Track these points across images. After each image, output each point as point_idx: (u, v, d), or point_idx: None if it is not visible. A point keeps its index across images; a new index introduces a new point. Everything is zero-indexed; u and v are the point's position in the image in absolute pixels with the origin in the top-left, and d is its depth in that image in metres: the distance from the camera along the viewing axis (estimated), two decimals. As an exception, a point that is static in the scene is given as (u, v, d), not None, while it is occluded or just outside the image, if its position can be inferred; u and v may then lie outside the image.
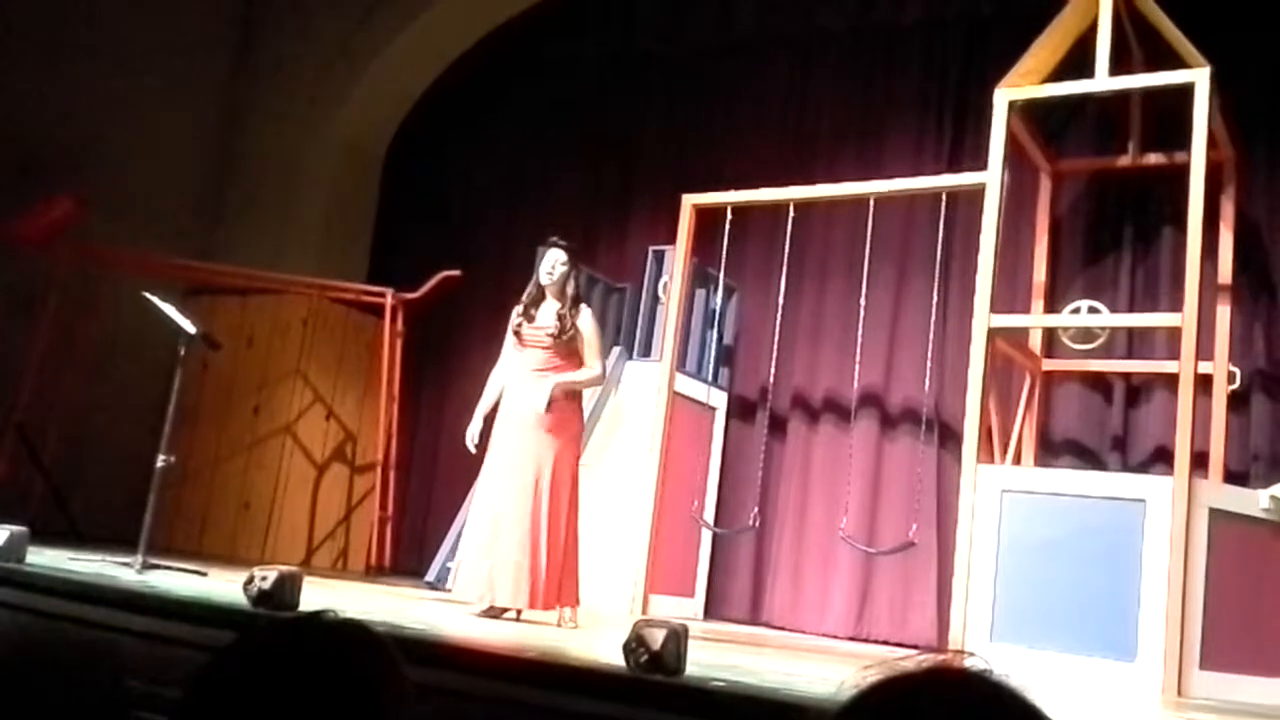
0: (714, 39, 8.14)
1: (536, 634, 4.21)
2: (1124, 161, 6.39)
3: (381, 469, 7.87)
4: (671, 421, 6.54)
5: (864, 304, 6.27)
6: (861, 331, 6.29)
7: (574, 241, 5.21)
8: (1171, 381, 5.42)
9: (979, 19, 7.21)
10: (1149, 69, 5.62)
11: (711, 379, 7.05)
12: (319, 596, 4.05)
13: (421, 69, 8.99)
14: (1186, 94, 5.19)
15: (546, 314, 4.96)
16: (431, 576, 6.67)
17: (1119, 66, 5.53)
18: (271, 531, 7.64)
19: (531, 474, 4.77)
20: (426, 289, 7.73)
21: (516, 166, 8.78)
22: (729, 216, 6.56)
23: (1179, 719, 3.97)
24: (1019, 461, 6.13)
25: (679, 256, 6.68)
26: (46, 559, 4.29)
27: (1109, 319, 6.18)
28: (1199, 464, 5.31)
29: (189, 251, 8.19)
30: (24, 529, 4.09)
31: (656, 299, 7.17)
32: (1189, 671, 4.64)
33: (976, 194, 5.78)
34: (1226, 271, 5.90)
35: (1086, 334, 6.21)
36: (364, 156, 9.12)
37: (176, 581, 4.37)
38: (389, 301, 7.82)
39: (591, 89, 8.60)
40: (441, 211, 8.93)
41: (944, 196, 6.11)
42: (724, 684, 2.81)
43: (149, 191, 8.17)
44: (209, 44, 8.82)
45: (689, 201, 6.69)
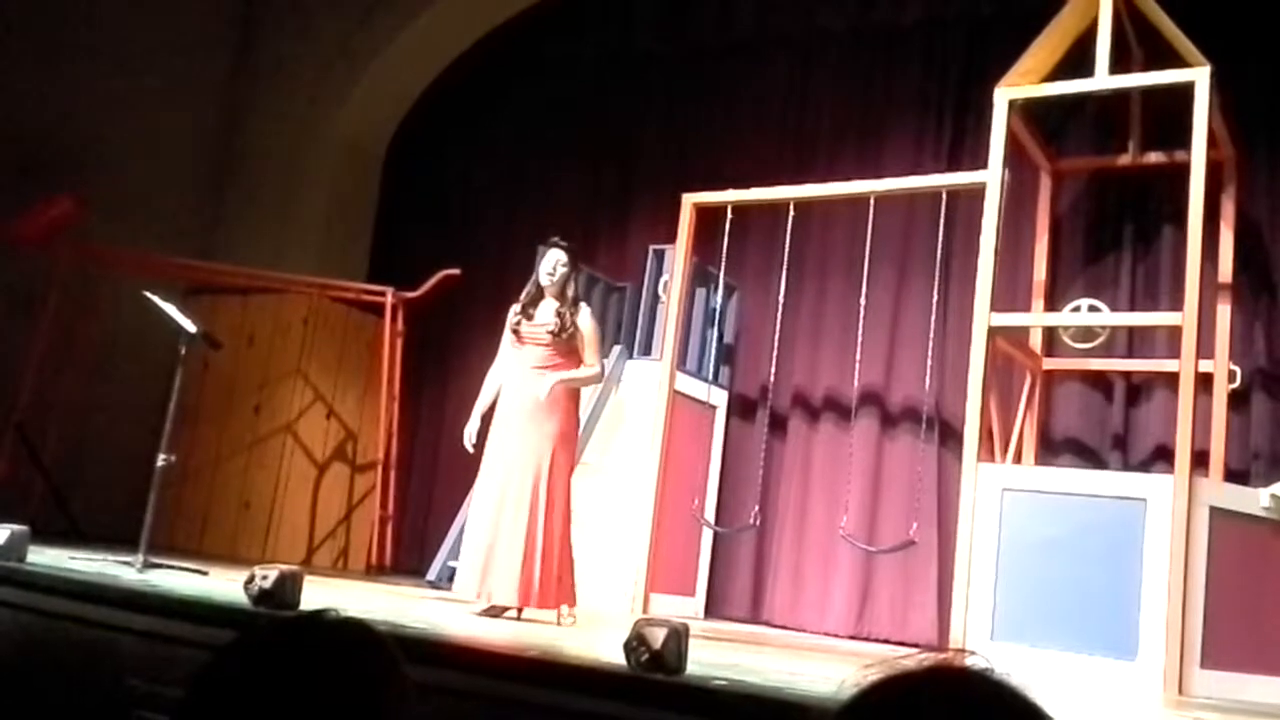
0: (714, 38, 8.13)
1: (537, 633, 4.21)
2: (1124, 160, 6.39)
3: (382, 468, 7.87)
4: (672, 420, 6.55)
5: (864, 303, 6.27)
6: (862, 330, 6.29)
7: (574, 241, 5.22)
8: (1172, 380, 5.42)
9: (979, 18, 7.20)
10: (1149, 68, 5.62)
11: (712, 378, 7.05)
12: (320, 596, 4.05)
13: (421, 69, 8.99)
14: (1186, 93, 5.19)
15: (545, 312, 4.97)
16: (432, 575, 6.68)
17: (1119, 65, 5.53)
18: (272, 531, 7.64)
19: (530, 472, 4.77)
20: (427, 288, 7.72)
21: (516, 166, 8.78)
22: (729, 215, 6.56)
23: (1180, 718, 3.97)
24: (1020, 460, 6.13)
25: (679, 255, 6.68)
26: (47, 558, 4.30)
27: (1109, 318, 6.19)
28: (1199, 463, 5.31)
29: (189, 251, 8.19)
30: (24, 528, 4.10)
31: (657, 298, 7.17)
32: (1190, 670, 4.65)
33: (977, 193, 5.78)
34: (1227, 270, 5.90)
35: (1087, 333, 6.22)
36: (364, 156, 9.12)
37: (177, 581, 4.37)
38: (389, 300, 7.82)
39: (591, 89, 8.60)
40: (441, 211, 8.93)
41: (944, 195, 6.11)
42: (725, 683, 2.81)
43: (149, 191, 8.17)
44: (209, 44, 8.82)
45: (689, 201, 6.69)
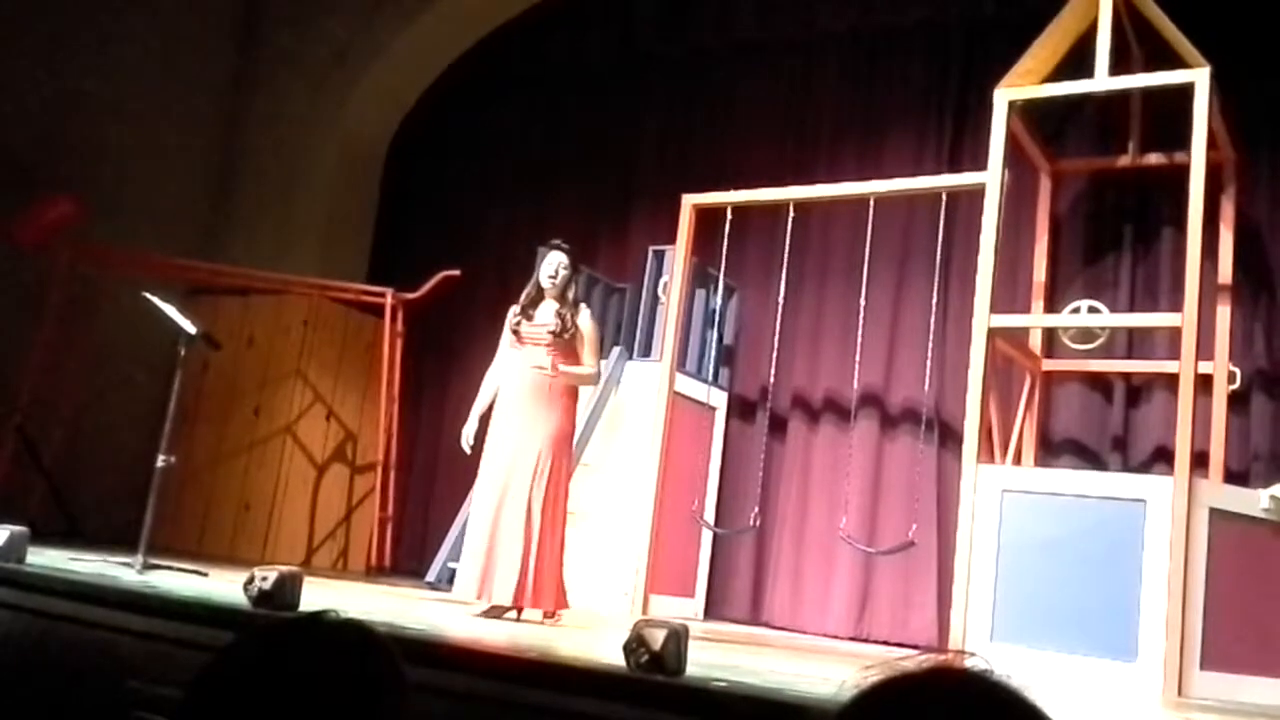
0: (714, 39, 8.14)
1: (537, 634, 4.21)
2: (1124, 161, 6.38)
3: (382, 469, 7.87)
4: (671, 421, 6.54)
5: (864, 304, 6.27)
6: (861, 331, 6.29)
7: (574, 242, 5.23)
8: (1172, 381, 5.41)
9: (979, 19, 7.20)
10: (1149, 69, 5.62)
11: (712, 379, 7.05)
12: (319, 597, 4.05)
13: (422, 69, 8.99)
14: (1186, 94, 5.18)
15: (546, 313, 4.98)
16: (432, 577, 6.67)
17: (1119, 66, 5.52)
18: (272, 532, 7.64)
19: (529, 472, 4.77)
20: (426, 289, 7.73)
21: (517, 167, 8.79)
22: (729, 216, 6.56)
23: (1179, 719, 3.97)
24: (1019, 461, 6.13)
25: (679, 256, 6.68)
26: (47, 559, 4.30)
27: (1109, 319, 6.18)
28: (1199, 464, 5.30)
29: (189, 252, 8.19)
30: (24, 529, 4.10)
31: (657, 299, 7.17)
32: (1189, 672, 4.64)
33: (976, 194, 5.78)
34: (1227, 271, 5.90)
35: (1086, 334, 6.21)
36: (365, 157, 9.12)
37: (177, 582, 4.37)
38: (389, 301, 7.82)
39: (592, 89, 8.61)
40: (442, 212, 8.93)
41: (944, 196, 6.10)
42: (725, 684, 2.81)
43: (150, 192, 8.17)
44: (210, 44, 8.83)
45: (689, 201, 6.69)
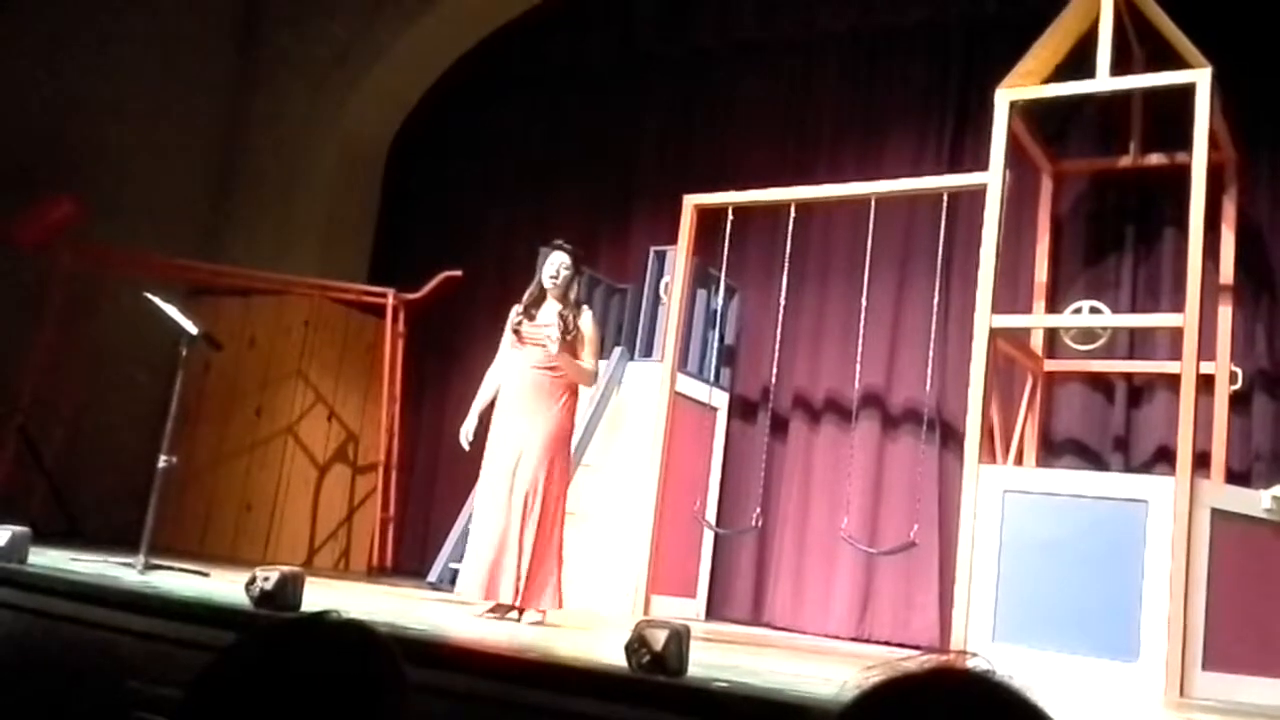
0: (715, 40, 8.14)
1: (539, 635, 4.21)
2: (1125, 162, 6.38)
3: (383, 469, 7.88)
4: (673, 422, 6.54)
5: (865, 304, 6.26)
6: (863, 332, 6.29)
7: (575, 242, 5.20)
8: (1173, 382, 5.41)
9: (980, 20, 7.20)
10: (1150, 69, 5.62)
11: (713, 379, 7.05)
12: (321, 597, 4.05)
13: (423, 70, 8.99)
14: (1188, 94, 5.18)
15: (548, 313, 4.96)
16: (434, 577, 6.67)
17: (1120, 67, 5.52)
18: (273, 532, 7.64)
19: (529, 471, 4.75)
20: (428, 289, 7.73)
21: (518, 167, 8.79)
22: (730, 217, 6.56)
23: (1181, 719, 3.97)
24: (1021, 462, 6.12)
25: (680, 257, 6.68)
26: (48, 560, 4.30)
27: (1110, 319, 6.18)
28: (1201, 464, 5.30)
29: (191, 252, 8.19)
30: (26, 530, 4.10)
31: (658, 299, 7.17)
32: (1191, 672, 4.64)
33: (978, 194, 5.78)
34: (1228, 272, 5.89)
35: (1088, 334, 6.21)
36: (365, 157, 9.13)
37: (178, 582, 4.37)
38: (390, 302, 7.83)
39: (593, 90, 8.61)
40: (443, 212, 8.93)
41: (945, 197, 6.10)
42: (726, 685, 2.81)
43: (151, 192, 8.17)
44: (211, 45, 8.83)
45: (690, 202, 6.69)
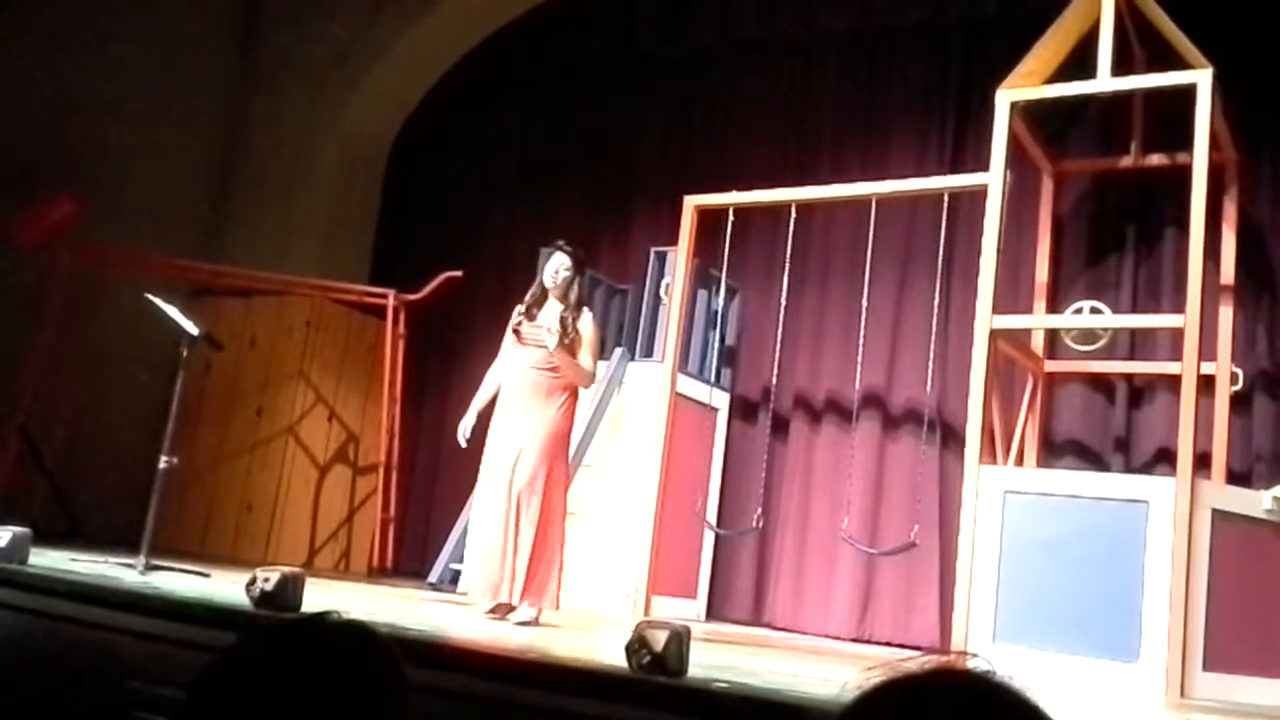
0: (715, 40, 8.13)
1: (539, 635, 4.21)
2: (1126, 162, 6.38)
3: (384, 470, 7.88)
4: (673, 422, 6.54)
5: (866, 305, 6.26)
6: (863, 332, 6.29)
7: (577, 243, 5.19)
8: (1174, 382, 5.41)
9: (981, 20, 7.20)
10: (1151, 70, 5.62)
11: (714, 380, 7.05)
12: (321, 598, 4.05)
13: (424, 71, 9.00)
14: (1189, 95, 5.18)
15: (549, 314, 4.95)
16: (434, 578, 6.67)
17: (1121, 67, 5.52)
18: (274, 533, 7.64)
19: (527, 471, 4.74)
20: (428, 290, 7.73)
21: (518, 168, 8.79)
22: (731, 217, 6.56)
23: (1182, 720, 3.97)
24: (1021, 462, 6.12)
25: (681, 257, 6.68)
26: (49, 560, 4.30)
27: (1111, 320, 6.18)
28: (1201, 465, 5.30)
29: (192, 253, 8.20)
30: (26, 530, 4.10)
31: (658, 300, 7.17)
32: (1192, 673, 4.64)
33: (979, 195, 5.78)
34: (1229, 272, 5.89)
35: (1089, 335, 6.21)
36: (366, 157, 9.13)
37: (179, 583, 4.37)
38: (391, 303, 7.83)
39: (593, 91, 8.61)
40: (443, 213, 8.93)
41: (946, 197, 6.10)
42: (726, 685, 2.81)
43: (150, 192, 8.17)
44: (211, 45, 8.83)
45: (691, 203, 6.69)
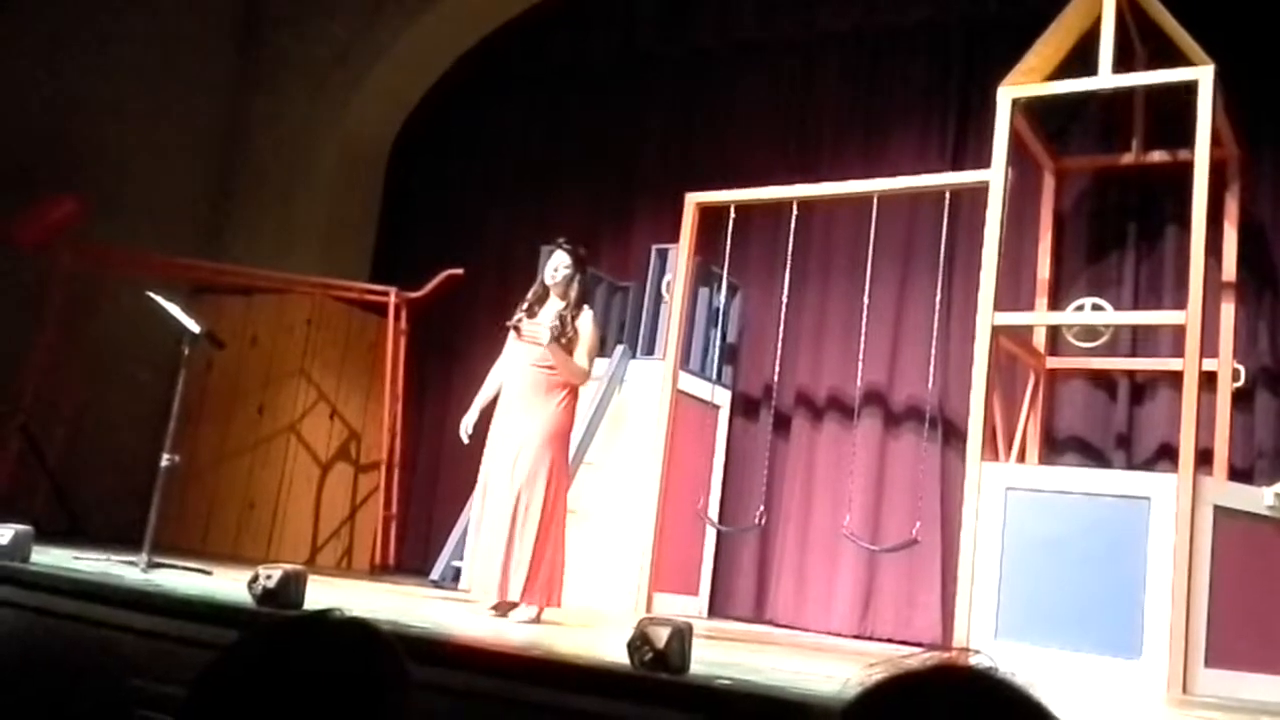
0: (716, 39, 8.13)
1: (541, 632, 4.21)
2: (1128, 159, 6.38)
3: (385, 467, 7.87)
4: (675, 420, 6.54)
5: (867, 302, 6.27)
6: (865, 329, 6.29)
7: (578, 241, 5.19)
8: (1176, 379, 5.41)
9: (982, 18, 7.19)
10: (1152, 66, 5.61)
11: (715, 377, 7.05)
12: (324, 595, 4.05)
13: (424, 69, 8.99)
14: (1190, 91, 5.17)
15: (549, 312, 4.95)
16: (436, 575, 6.68)
17: (1122, 64, 5.52)
18: (276, 530, 7.64)
19: (526, 468, 4.73)
20: (430, 288, 7.72)
21: (519, 165, 8.78)
22: (732, 215, 6.56)
23: (1184, 717, 3.96)
24: (1023, 459, 6.12)
25: (682, 255, 6.68)
26: (51, 558, 4.31)
27: (1113, 316, 6.18)
28: (1203, 461, 5.30)
29: (193, 251, 8.20)
30: (28, 528, 4.11)
31: (660, 297, 7.16)
32: (1194, 669, 4.64)
33: (980, 192, 5.78)
34: (1231, 269, 5.88)
35: (1090, 331, 6.21)
36: (367, 156, 9.12)
37: (181, 580, 4.38)
38: (392, 300, 7.82)
39: (594, 89, 8.60)
40: (444, 211, 8.93)
41: (947, 195, 6.10)
42: (729, 682, 2.81)
43: (150, 192, 8.17)
44: (212, 44, 8.83)
45: (692, 200, 6.69)
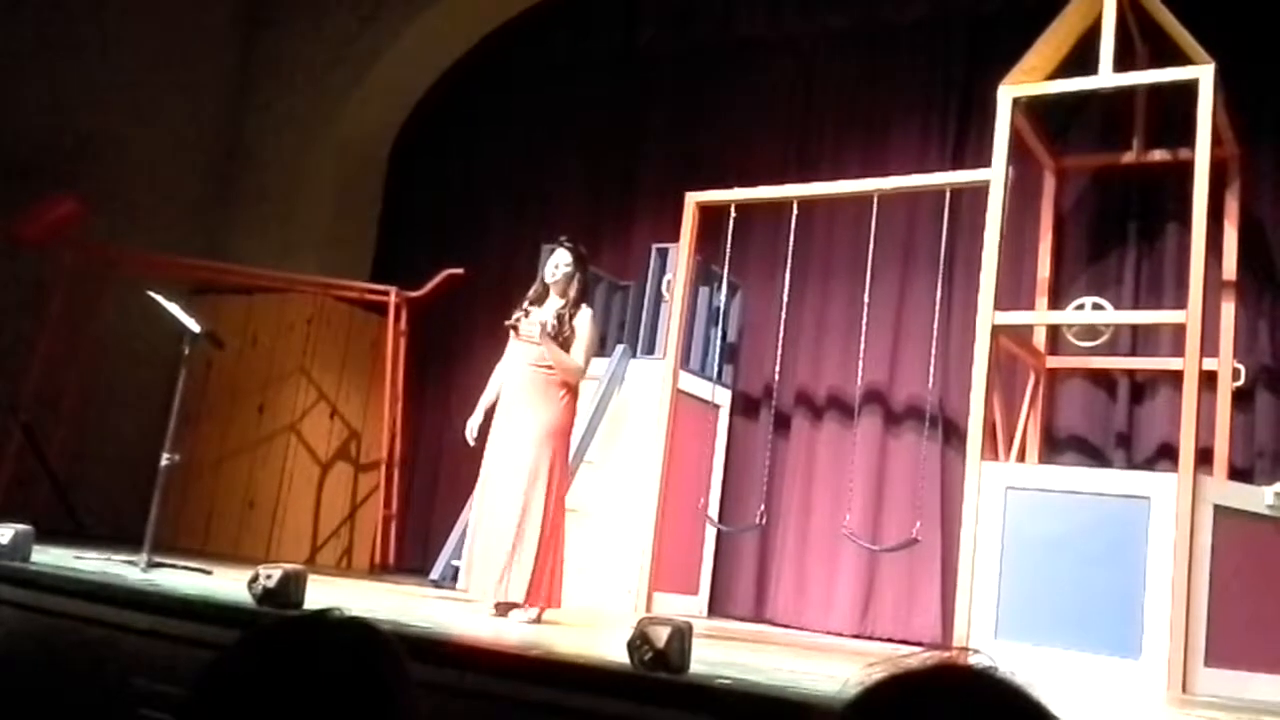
0: (716, 37, 8.12)
1: (541, 632, 4.21)
2: (1128, 158, 6.37)
3: (385, 467, 7.87)
4: (675, 419, 6.55)
5: (868, 301, 6.26)
6: (865, 328, 6.29)
7: (579, 240, 5.19)
8: (1176, 378, 5.41)
9: (982, 16, 7.19)
10: (1153, 65, 5.61)
11: (715, 376, 7.05)
12: (324, 595, 4.06)
13: (425, 68, 8.99)
14: (1191, 90, 5.17)
15: (548, 310, 4.95)
16: (436, 574, 6.67)
17: (1123, 63, 5.52)
18: (276, 530, 7.65)
19: (525, 467, 4.73)
20: (430, 287, 7.72)
21: (520, 164, 8.78)
22: (732, 214, 6.56)
23: (1184, 716, 3.96)
24: (1023, 458, 6.12)
25: (682, 254, 6.68)
26: (51, 558, 4.31)
27: (1113, 316, 6.17)
28: (1203, 461, 5.30)
29: (193, 251, 8.20)
30: (29, 528, 4.11)
31: (660, 296, 7.16)
32: (1194, 668, 4.64)
33: (980, 191, 5.78)
34: (1231, 268, 5.88)
35: (1091, 331, 6.21)
36: (368, 155, 9.12)
37: (181, 580, 4.38)
38: (393, 300, 7.82)
39: (595, 87, 8.60)
40: (444, 210, 8.93)
41: (948, 193, 6.10)
42: (729, 682, 2.81)
43: (150, 192, 8.18)
44: (212, 44, 8.83)
45: (692, 199, 6.69)
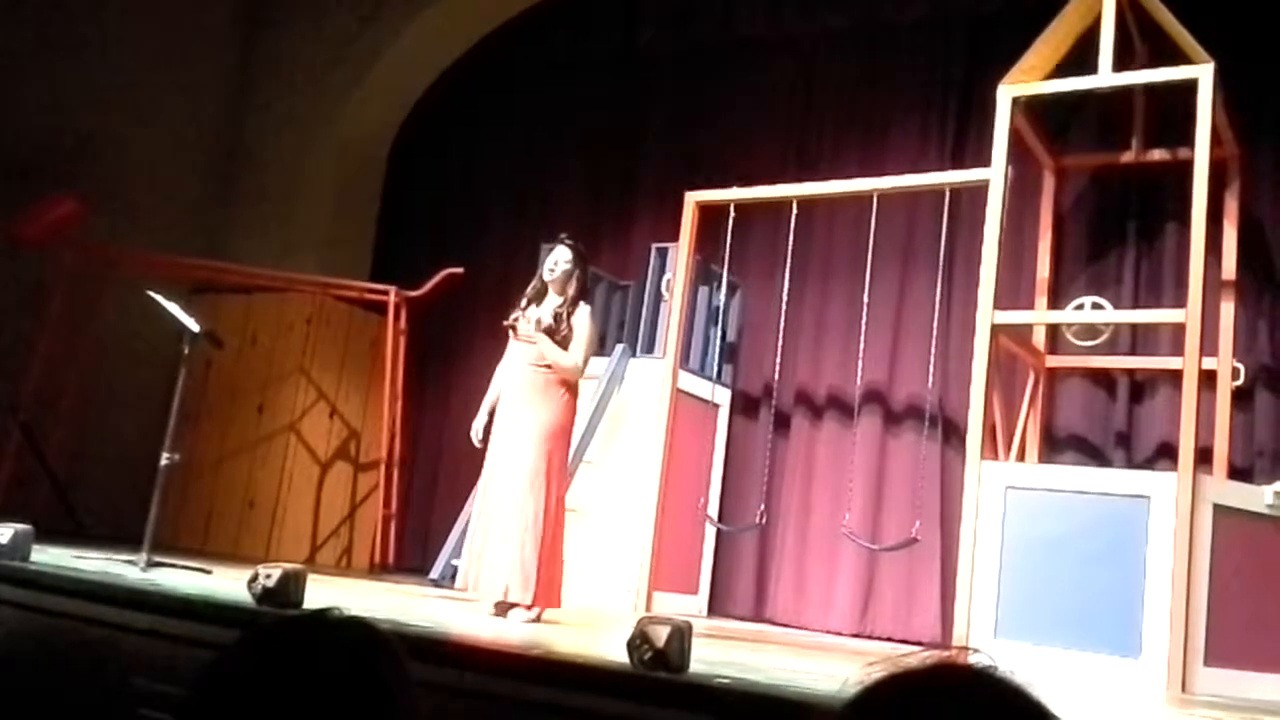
0: (716, 37, 8.12)
1: (541, 631, 4.21)
2: (1127, 157, 6.37)
3: (385, 466, 7.87)
4: (675, 418, 6.55)
5: (867, 300, 6.27)
6: (865, 328, 6.29)
7: (579, 239, 5.19)
8: (1175, 377, 5.41)
9: (982, 16, 7.19)
10: (1152, 65, 5.61)
11: (715, 376, 7.05)
12: (323, 594, 4.06)
13: (424, 68, 8.99)
14: (1190, 90, 5.18)
15: (546, 309, 4.95)
16: (436, 574, 6.67)
17: (1122, 62, 5.52)
18: (276, 529, 7.64)
19: (524, 467, 4.73)
20: (429, 287, 7.72)
21: (520, 164, 8.78)
22: (732, 214, 6.56)
23: (1184, 716, 3.96)
24: (1023, 458, 6.12)
25: (682, 253, 6.68)
26: (51, 557, 4.31)
27: (1113, 315, 6.17)
28: (1203, 460, 5.30)
29: (193, 250, 8.20)
30: (29, 527, 4.11)
31: (660, 296, 7.16)
32: (1193, 668, 4.64)
33: (980, 190, 5.78)
34: (1230, 267, 5.88)
35: (1090, 330, 6.21)
36: (367, 155, 9.12)
37: (181, 579, 4.38)
38: (392, 299, 7.82)
39: (594, 87, 8.60)
40: (444, 210, 8.93)
41: (947, 193, 6.10)
42: (728, 681, 2.81)
43: (150, 192, 8.18)
44: (212, 44, 8.83)
45: (692, 199, 6.69)
